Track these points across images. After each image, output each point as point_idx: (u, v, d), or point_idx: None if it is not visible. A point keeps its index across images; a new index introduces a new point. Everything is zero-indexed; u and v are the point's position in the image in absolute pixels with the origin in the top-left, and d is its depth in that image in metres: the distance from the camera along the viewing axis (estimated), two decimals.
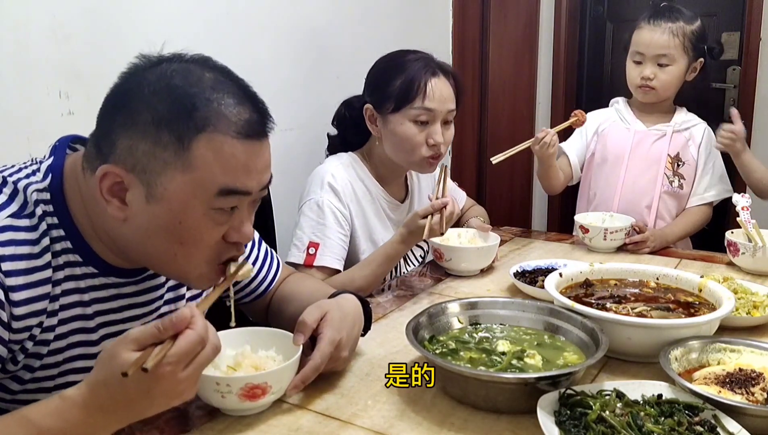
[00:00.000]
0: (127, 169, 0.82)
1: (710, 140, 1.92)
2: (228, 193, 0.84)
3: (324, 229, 1.49)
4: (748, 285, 1.35)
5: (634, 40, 1.86)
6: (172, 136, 0.81)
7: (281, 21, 1.99)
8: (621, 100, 2.02)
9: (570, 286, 1.29)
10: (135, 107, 0.82)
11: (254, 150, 0.86)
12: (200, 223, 0.85)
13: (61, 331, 0.90)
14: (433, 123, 1.50)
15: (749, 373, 0.95)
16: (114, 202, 0.84)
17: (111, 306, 0.95)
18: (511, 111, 3.13)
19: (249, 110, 0.86)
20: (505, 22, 3.03)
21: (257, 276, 1.20)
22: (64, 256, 0.89)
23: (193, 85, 0.83)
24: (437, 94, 1.49)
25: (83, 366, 0.93)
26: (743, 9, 2.82)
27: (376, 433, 0.88)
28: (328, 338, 0.98)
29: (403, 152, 1.53)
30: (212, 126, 0.82)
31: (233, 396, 0.88)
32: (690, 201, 1.93)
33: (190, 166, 0.82)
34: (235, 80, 0.89)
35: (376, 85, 1.56)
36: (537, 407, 0.84)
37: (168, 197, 0.82)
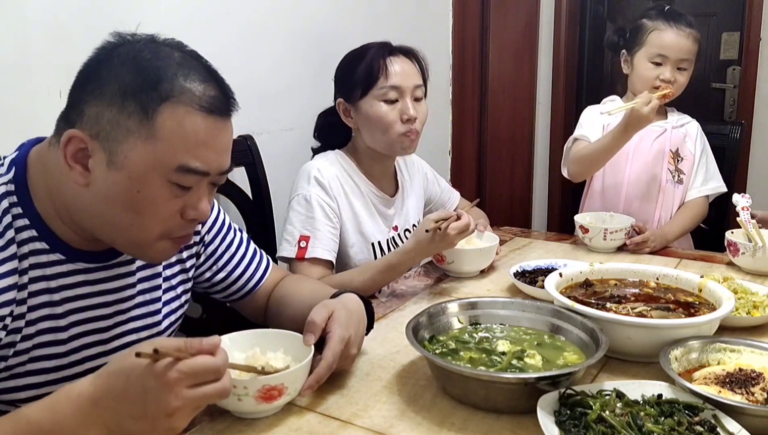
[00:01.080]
0: (92, 135, 0.84)
1: (703, 136, 1.98)
2: (186, 171, 0.86)
3: (313, 222, 1.51)
4: (748, 285, 1.35)
5: (655, 41, 1.84)
6: (137, 106, 0.83)
7: (282, 22, 1.99)
8: (616, 98, 2.02)
9: (570, 286, 1.29)
10: (103, 77, 0.85)
11: (216, 127, 0.88)
12: (158, 194, 0.86)
13: (30, 317, 0.90)
14: (402, 99, 1.55)
15: (749, 373, 0.95)
16: (77, 168, 0.85)
17: (79, 292, 0.95)
18: (511, 111, 3.13)
19: (214, 88, 0.88)
20: (505, 22, 3.03)
21: (244, 274, 1.21)
22: (30, 245, 0.89)
23: (161, 60, 0.86)
24: (399, 70, 1.54)
25: (53, 352, 0.94)
26: (743, 9, 2.82)
27: (376, 433, 0.88)
28: (338, 336, 0.98)
29: (380, 133, 1.56)
30: (176, 97, 0.84)
31: (250, 398, 0.87)
32: (688, 194, 1.95)
33: (153, 137, 0.83)
34: (204, 63, 0.91)
35: (341, 79, 1.62)
36: (537, 407, 0.84)
37: (128, 165, 0.84)
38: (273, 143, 1.94)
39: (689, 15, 1.90)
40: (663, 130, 1.93)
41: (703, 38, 1.96)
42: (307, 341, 0.96)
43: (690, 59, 1.85)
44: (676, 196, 1.94)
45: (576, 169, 1.92)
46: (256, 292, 1.23)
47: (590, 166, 1.90)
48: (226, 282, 1.20)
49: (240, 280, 1.21)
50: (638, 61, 1.88)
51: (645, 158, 1.92)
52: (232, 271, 1.19)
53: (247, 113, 1.89)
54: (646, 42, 1.86)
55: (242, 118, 1.99)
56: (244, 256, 1.21)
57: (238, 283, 1.21)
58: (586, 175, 1.96)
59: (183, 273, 1.12)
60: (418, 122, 1.57)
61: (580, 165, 1.90)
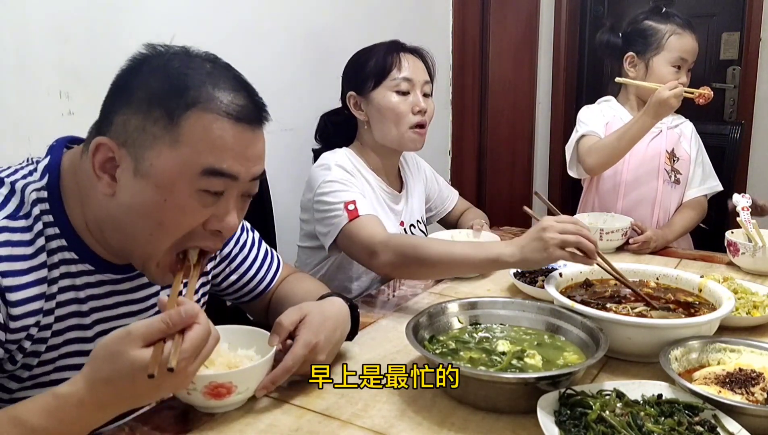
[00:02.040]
0: (119, 143, 0.84)
1: (697, 136, 2.00)
2: (213, 174, 0.84)
3: (351, 188, 1.50)
4: (748, 285, 1.35)
5: (676, 46, 1.85)
6: (163, 111, 0.82)
7: (281, 22, 1.99)
8: (611, 98, 2.02)
9: (570, 286, 1.29)
10: (132, 86, 0.84)
11: (245, 135, 0.86)
12: (185, 204, 0.84)
13: (57, 328, 0.90)
14: (414, 91, 1.59)
15: (749, 373, 0.95)
16: (105, 178, 0.85)
17: (106, 302, 0.95)
18: (511, 111, 3.13)
19: (243, 97, 0.87)
20: (505, 22, 3.03)
21: (256, 275, 1.20)
22: (59, 254, 0.89)
23: (190, 69, 0.85)
24: (411, 65, 1.60)
25: (78, 363, 0.93)
26: (743, 9, 2.82)
27: (376, 433, 0.88)
28: (303, 341, 0.97)
29: (391, 123, 1.58)
30: (203, 104, 0.83)
31: (198, 393, 0.87)
32: (687, 194, 1.96)
33: (178, 142, 0.82)
34: (235, 74, 0.90)
35: (353, 74, 1.64)
36: (537, 407, 0.84)
37: (154, 173, 0.83)
38: (273, 143, 1.93)
39: (689, 15, 1.93)
40: (659, 131, 1.93)
41: (703, 38, 1.97)
42: (270, 342, 0.96)
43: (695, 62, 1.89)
44: (674, 197, 1.95)
45: (595, 161, 1.85)
46: (264, 295, 1.23)
47: (610, 157, 1.84)
48: (239, 284, 1.19)
49: (252, 282, 1.21)
50: (657, 66, 1.88)
51: (641, 159, 1.92)
52: (244, 273, 1.19)
53: None
54: (666, 46, 1.86)
55: None
56: (257, 257, 1.21)
57: (250, 285, 1.21)
58: (606, 168, 1.89)
59: (204, 276, 1.12)
60: (427, 116, 1.60)
61: (600, 157, 1.84)
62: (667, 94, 1.67)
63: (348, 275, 1.64)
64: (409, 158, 1.81)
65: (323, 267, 1.64)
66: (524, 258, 1.21)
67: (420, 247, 1.32)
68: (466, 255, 1.28)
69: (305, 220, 1.63)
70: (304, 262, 1.69)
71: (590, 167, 1.89)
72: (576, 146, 1.92)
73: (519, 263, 1.24)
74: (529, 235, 1.21)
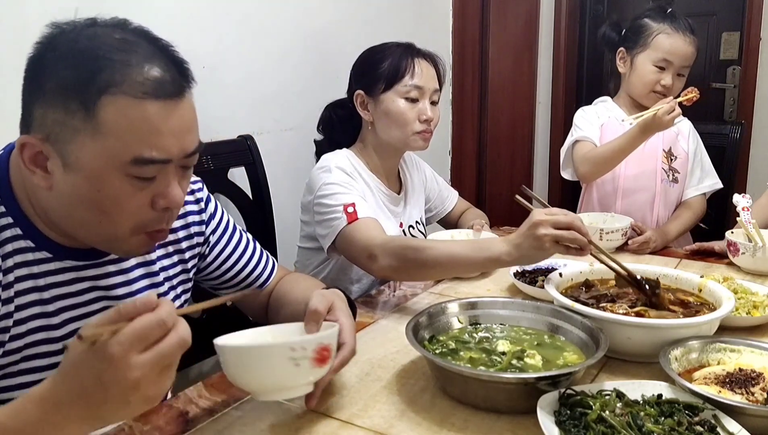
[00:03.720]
0: (42, 139, 0.81)
1: (695, 134, 1.98)
2: (143, 163, 0.81)
3: (351, 190, 1.50)
4: (748, 285, 1.35)
5: (661, 45, 1.83)
6: (78, 102, 0.79)
7: (281, 22, 1.99)
8: (607, 99, 2.02)
9: (570, 286, 1.29)
10: (43, 75, 0.81)
11: (167, 110, 0.81)
12: (119, 191, 0.82)
13: (19, 317, 0.89)
14: (422, 100, 1.59)
15: (749, 373, 0.95)
16: (38, 171, 0.83)
17: (70, 289, 0.94)
18: (511, 111, 3.13)
19: (160, 68, 0.82)
20: (505, 22, 3.03)
21: (253, 272, 1.21)
22: (14, 243, 0.88)
23: (97, 48, 0.80)
24: (424, 72, 1.59)
25: (46, 350, 0.93)
26: (743, 9, 2.82)
27: (376, 433, 0.88)
28: (349, 326, 0.95)
29: (397, 128, 1.59)
30: (116, 87, 0.78)
31: (307, 362, 0.82)
32: (686, 193, 1.95)
33: (99, 133, 0.79)
34: (150, 39, 0.85)
35: (364, 72, 1.63)
36: (537, 407, 0.84)
37: (82, 166, 0.81)
38: (273, 143, 1.94)
39: (689, 15, 1.90)
40: None
41: (703, 38, 1.96)
42: (310, 330, 0.93)
43: (690, 66, 1.85)
44: (673, 196, 1.94)
45: (588, 170, 1.88)
46: (263, 292, 1.23)
47: (604, 167, 1.86)
48: (234, 281, 1.20)
49: (248, 280, 1.21)
50: (641, 63, 1.87)
51: (639, 159, 1.91)
52: (240, 271, 1.19)
53: (247, 113, 1.91)
54: (652, 45, 1.84)
55: (242, 118, 2.01)
56: (252, 257, 1.21)
57: (246, 283, 1.21)
58: (600, 175, 1.92)
59: (184, 273, 1.12)
60: (432, 124, 1.61)
61: (594, 166, 1.87)
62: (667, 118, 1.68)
63: (349, 277, 1.64)
64: (408, 159, 1.81)
65: (324, 269, 1.64)
66: (521, 255, 1.20)
67: (420, 250, 1.31)
68: (466, 256, 1.28)
69: (305, 222, 1.63)
70: (304, 263, 1.69)
71: (583, 175, 1.92)
72: (571, 150, 1.93)
73: (517, 261, 1.23)
74: (523, 232, 1.19)
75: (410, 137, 1.59)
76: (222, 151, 1.72)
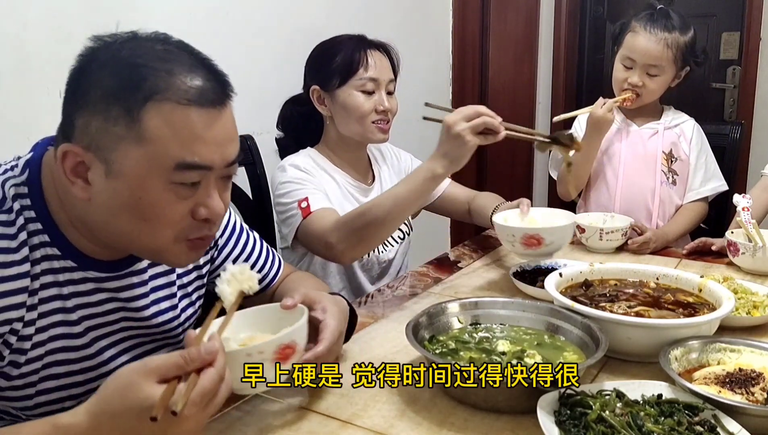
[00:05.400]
0: (84, 147, 0.82)
1: (700, 135, 1.95)
2: (186, 168, 0.82)
3: (306, 185, 1.53)
4: (748, 285, 1.35)
5: (628, 43, 1.83)
6: (122, 109, 0.80)
7: (281, 22, 1.99)
8: (608, 100, 2.02)
9: (570, 286, 1.28)
10: (86, 85, 0.82)
11: (210, 119, 0.83)
12: (161, 198, 0.83)
13: (41, 324, 0.90)
14: (378, 91, 1.59)
15: (749, 373, 0.95)
16: (78, 182, 0.83)
17: (91, 300, 0.94)
18: (511, 111, 3.13)
19: (202, 78, 0.83)
20: (505, 22, 3.03)
21: (260, 272, 1.20)
22: (42, 250, 0.88)
23: (140, 57, 0.81)
24: (378, 64, 1.59)
25: (66, 358, 0.94)
26: (743, 9, 2.83)
27: (376, 433, 0.88)
28: (333, 327, 0.95)
29: (355, 122, 1.59)
30: (160, 94, 0.80)
31: (268, 363, 0.84)
32: (686, 196, 1.94)
33: (143, 139, 0.80)
34: (190, 52, 0.86)
35: (318, 67, 1.63)
36: (537, 407, 0.84)
37: (125, 173, 0.81)
38: (273, 143, 1.94)
39: (689, 16, 1.88)
40: (655, 131, 1.92)
41: (703, 38, 1.94)
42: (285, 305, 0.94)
43: (660, 65, 1.79)
44: (672, 198, 1.93)
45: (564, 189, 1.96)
46: (269, 290, 1.23)
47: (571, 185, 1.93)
48: None
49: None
50: (615, 61, 1.88)
51: (638, 160, 1.91)
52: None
53: (247, 113, 1.89)
54: (623, 43, 1.85)
55: (242, 118, 1.99)
56: (259, 256, 1.21)
57: None
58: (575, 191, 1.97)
59: (199, 279, 1.12)
60: (390, 114, 1.61)
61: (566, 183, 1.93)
62: (600, 112, 1.77)
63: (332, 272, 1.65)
64: (385, 150, 1.81)
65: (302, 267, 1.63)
66: (451, 160, 1.28)
67: (364, 212, 1.36)
68: (406, 189, 1.34)
69: (277, 223, 1.66)
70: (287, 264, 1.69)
71: (562, 194, 1.99)
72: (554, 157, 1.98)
73: (449, 167, 1.30)
74: (443, 139, 1.29)
75: (368, 129, 1.60)
76: None
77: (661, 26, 1.79)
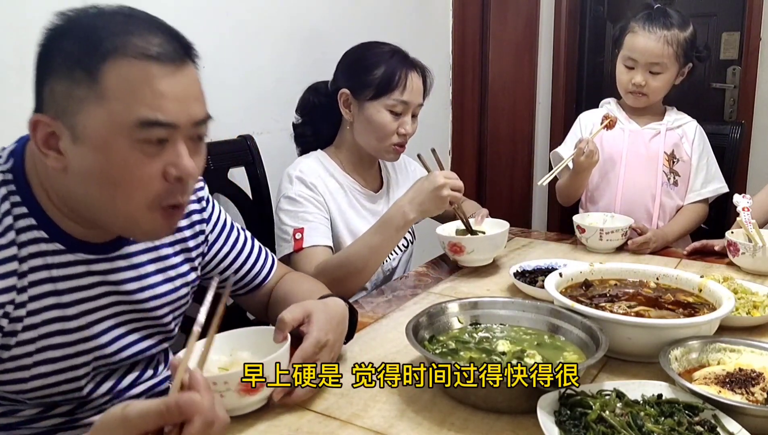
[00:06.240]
0: (52, 116, 0.82)
1: (702, 137, 1.96)
2: (149, 125, 0.81)
3: (304, 215, 1.53)
4: (748, 285, 1.35)
5: (628, 44, 1.83)
6: (82, 71, 0.80)
7: (281, 21, 1.99)
8: (612, 100, 2.02)
9: (570, 286, 1.29)
10: (49, 54, 0.83)
11: (170, 75, 0.82)
12: (128, 159, 0.82)
13: (33, 307, 0.90)
14: (405, 114, 1.59)
15: (749, 373, 0.95)
16: (51, 154, 0.84)
17: (82, 283, 0.94)
18: (511, 111, 3.13)
19: (162, 37, 0.83)
20: (505, 22, 3.03)
21: (252, 269, 1.21)
22: (29, 233, 0.89)
23: (101, 21, 0.83)
24: (415, 88, 1.59)
25: (61, 341, 0.94)
26: (743, 9, 2.82)
27: (376, 433, 0.88)
28: (313, 338, 0.96)
29: (375, 139, 1.59)
30: (120, 51, 0.80)
31: (232, 393, 0.87)
32: (687, 197, 1.94)
33: (104, 98, 0.80)
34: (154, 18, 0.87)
35: (355, 72, 1.61)
36: (537, 407, 0.84)
37: (89, 135, 0.81)
38: (273, 143, 1.94)
39: (689, 15, 1.88)
40: (657, 131, 1.92)
41: (703, 38, 1.94)
42: (276, 339, 0.95)
43: (662, 63, 1.80)
44: (673, 198, 1.93)
45: (560, 199, 2.03)
46: (261, 290, 1.24)
47: (568, 198, 2.01)
48: (234, 278, 1.20)
49: (247, 277, 1.22)
50: (617, 63, 1.88)
51: (639, 160, 1.91)
52: (239, 269, 1.20)
53: (247, 113, 1.90)
54: (623, 44, 1.85)
55: (242, 118, 2.01)
56: (251, 253, 1.22)
57: (246, 280, 1.22)
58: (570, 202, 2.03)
59: (188, 262, 1.12)
60: (408, 136, 1.62)
61: (560, 196, 2.02)
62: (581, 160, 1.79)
63: None
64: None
65: None
66: (424, 212, 1.44)
67: (342, 263, 1.42)
68: (382, 239, 1.43)
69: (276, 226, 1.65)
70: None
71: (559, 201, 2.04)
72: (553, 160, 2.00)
73: (421, 217, 1.46)
74: (427, 192, 1.41)
75: (385, 150, 1.61)
76: (222, 151, 1.72)
77: (660, 24, 1.80)
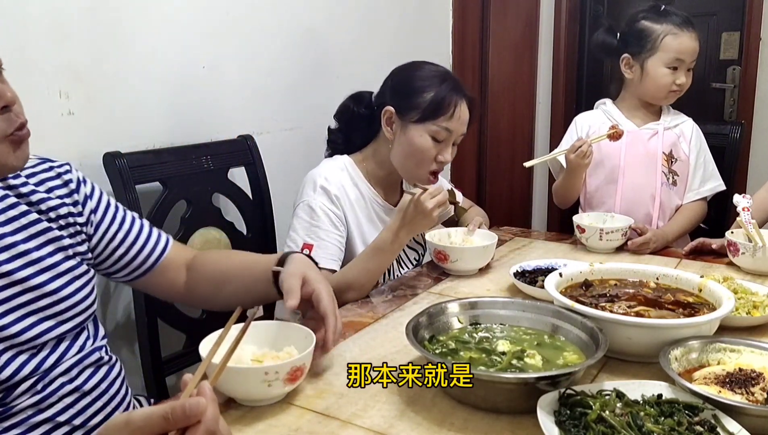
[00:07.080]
0: None
1: (699, 135, 1.97)
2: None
3: (318, 231, 1.51)
4: (748, 285, 1.35)
5: (672, 46, 1.84)
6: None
7: (281, 21, 1.99)
8: (608, 101, 2.02)
9: (570, 286, 1.28)
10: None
11: None
12: None
13: None
14: (447, 142, 1.56)
15: (749, 373, 0.95)
16: None
17: None
18: (511, 111, 3.13)
19: None
20: (505, 22, 3.03)
21: (144, 248, 1.19)
22: None
23: None
24: (462, 117, 1.56)
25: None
26: (743, 9, 2.82)
27: (376, 433, 0.88)
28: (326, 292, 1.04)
29: (413, 163, 1.57)
30: None
31: (279, 382, 0.90)
32: (686, 197, 1.95)
33: None
34: None
35: (403, 92, 1.57)
36: (537, 407, 0.84)
37: None
38: (273, 143, 1.95)
39: (689, 15, 1.90)
40: (654, 131, 1.92)
41: (703, 38, 1.96)
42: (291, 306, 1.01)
43: (696, 60, 1.88)
44: (672, 198, 1.94)
45: (557, 201, 2.04)
46: (159, 267, 1.20)
47: (562, 199, 2.02)
48: (126, 258, 1.17)
49: (140, 256, 1.18)
50: (652, 67, 1.87)
51: (638, 161, 1.92)
52: (130, 247, 1.17)
53: (247, 113, 1.90)
54: (661, 47, 1.85)
55: (242, 118, 2.01)
56: (140, 232, 1.19)
57: (139, 259, 1.18)
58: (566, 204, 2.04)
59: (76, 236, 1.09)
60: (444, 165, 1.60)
61: (556, 198, 2.03)
62: (570, 157, 1.81)
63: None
64: None
65: None
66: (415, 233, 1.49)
67: (344, 291, 1.40)
68: (378, 263, 1.45)
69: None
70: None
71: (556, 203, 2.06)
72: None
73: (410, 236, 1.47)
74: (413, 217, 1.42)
75: (420, 175, 1.57)
76: (222, 151, 1.72)
77: (689, 23, 1.86)
